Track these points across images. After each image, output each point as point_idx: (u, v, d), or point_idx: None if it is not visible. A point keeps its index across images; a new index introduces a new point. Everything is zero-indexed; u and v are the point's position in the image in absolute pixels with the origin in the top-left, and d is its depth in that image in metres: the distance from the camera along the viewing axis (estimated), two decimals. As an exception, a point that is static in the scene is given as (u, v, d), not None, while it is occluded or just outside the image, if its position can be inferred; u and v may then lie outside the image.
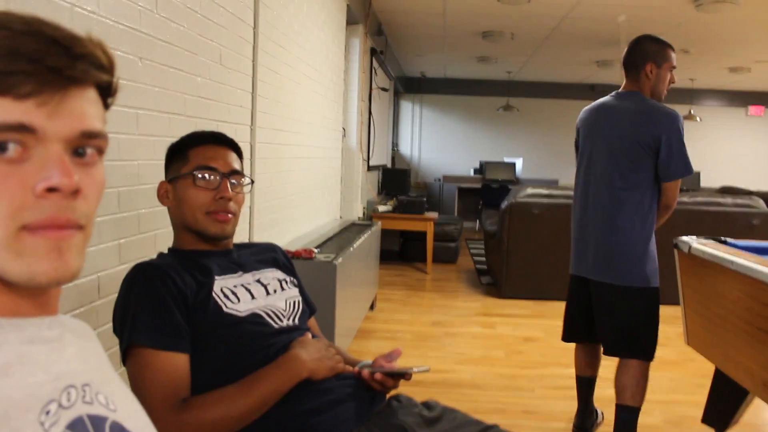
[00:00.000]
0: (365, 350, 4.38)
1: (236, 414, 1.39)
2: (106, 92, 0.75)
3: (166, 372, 1.39)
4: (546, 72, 11.20)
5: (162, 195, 1.64)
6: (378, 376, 1.59)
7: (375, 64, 7.58)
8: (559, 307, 5.83)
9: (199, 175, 1.58)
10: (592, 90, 11.77)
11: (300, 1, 4.12)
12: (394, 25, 7.95)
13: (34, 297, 0.73)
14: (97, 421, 0.71)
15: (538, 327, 5.17)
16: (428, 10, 7.08)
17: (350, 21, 6.11)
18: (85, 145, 0.71)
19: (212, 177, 1.58)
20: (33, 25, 0.66)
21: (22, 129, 0.64)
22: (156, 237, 2.20)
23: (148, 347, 1.39)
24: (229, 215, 1.61)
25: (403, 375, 1.62)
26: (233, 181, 1.62)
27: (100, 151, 0.74)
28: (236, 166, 1.64)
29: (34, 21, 0.66)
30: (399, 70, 11.19)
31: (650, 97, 2.85)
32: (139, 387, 1.38)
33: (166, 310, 1.43)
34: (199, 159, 1.60)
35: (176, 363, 1.41)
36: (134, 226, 2.07)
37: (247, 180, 1.67)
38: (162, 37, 2.22)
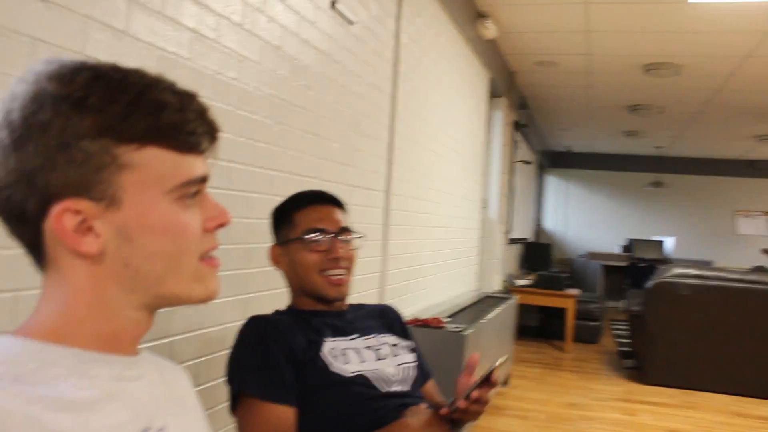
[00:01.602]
0: (495, 427, 4.22)
1: None
2: None
3: (273, 424, 1.40)
4: (699, 147, 10.68)
5: (275, 259, 1.68)
6: (473, 394, 1.47)
7: (518, 137, 7.56)
8: (710, 399, 5.42)
9: (309, 239, 1.60)
10: (752, 166, 11.07)
11: (440, 73, 4.21)
12: (538, 99, 7.93)
13: (137, 335, 0.77)
14: None
15: (686, 419, 4.77)
16: (573, 83, 7.01)
17: (493, 94, 6.16)
18: None
19: (322, 237, 1.60)
20: (187, 91, 0.74)
21: (205, 181, 0.76)
22: (283, 294, 2.25)
23: (257, 398, 1.41)
24: (343, 276, 1.62)
25: (489, 379, 1.48)
26: (342, 237, 1.63)
27: None
28: (343, 222, 1.65)
29: (185, 89, 0.75)
30: (544, 143, 11.10)
31: None
32: None
33: (275, 364, 1.45)
34: (306, 222, 1.62)
35: (283, 416, 1.42)
36: (261, 283, 2.14)
37: (356, 234, 1.68)
38: (299, 103, 2.34)
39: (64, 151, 0.66)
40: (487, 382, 1.46)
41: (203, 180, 0.75)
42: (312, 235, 1.60)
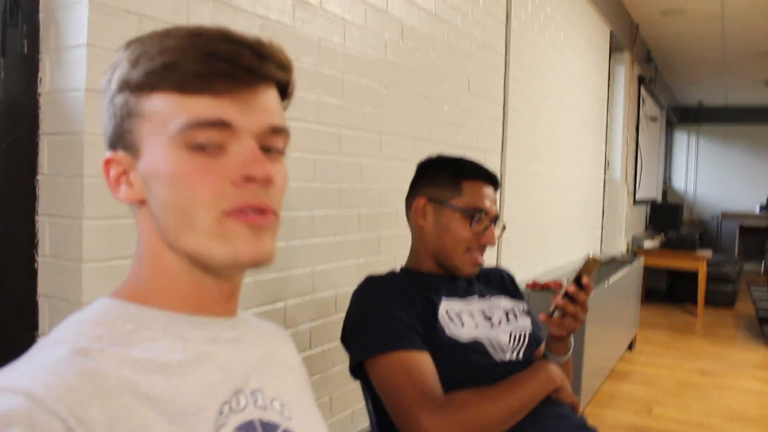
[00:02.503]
0: (618, 393, 4.10)
1: (498, 415, 1.34)
2: (284, 92, 0.78)
3: (419, 369, 1.37)
4: None
5: (419, 212, 1.61)
6: (570, 289, 1.45)
7: (643, 92, 7.19)
8: None
9: (476, 218, 1.56)
10: None
11: (556, 29, 4.05)
12: (664, 51, 7.48)
13: (219, 296, 0.76)
14: (269, 428, 0.72)
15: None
16: (704, 32, 6.56)
17: (615, 48, 5.87)
18: (272, 140, 0.74)
19: (483, 220, 1.58)
20: (223, 32, 0.71)
21: (221, 124, 0.69)
22: (396, 259, 2.26)
23: (394, 351, 1.38)
24: (481, 258, 1.60)
25: (580, 280, 1.45)
26: (495, 224, 1.61)
27: (283, 148, 0.77)
28: (497, 210, 1.63)
29: (224, 29, 0.72)
30: (672, 98, 10.50)
31: None
32: (393, 392, 1.37)
33: (403, 317, 1.43)
34: (476, 198, 1.58)
35: (426, 360, 1.39)
36: (374, 248, 2.16)
37: (501, 224, 1.65)
38: (408, 66, 2.31)
39: (108, 107, 0.72)
40: (579, 283, 1.44)
41: (220, 123, 0.69)
42: (479, 214, 1.57)
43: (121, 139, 0.72)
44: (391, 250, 2.25)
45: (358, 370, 1.49)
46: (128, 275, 0.76)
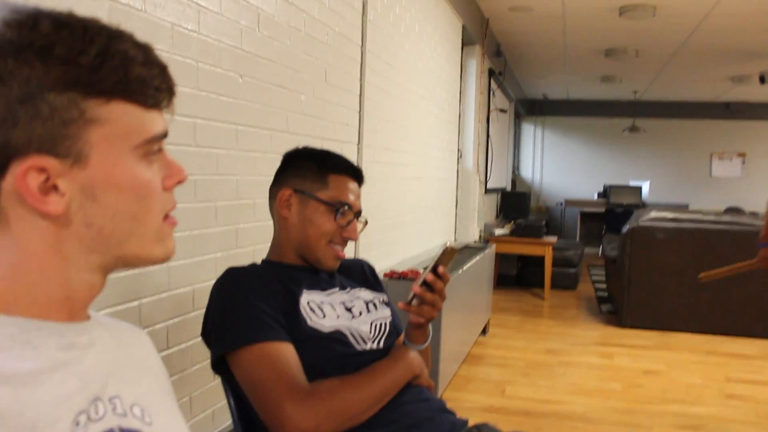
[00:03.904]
0: (474, 376, 4.26)
1: (362, 402, 1.36)
2: None
3: (283, 360, 1.36)
4: (675, 90, 10.68)
5: (283, 203, 1.59)
6: (428, 277, 1.50)
7: (493, 85, 7.49)
8: (684, 339, 5.51)
9: (341, 211, 1.57)
10: (727, 109, 11.11)
11: (411, 21, 4.12)
12: (513, 46, 7.83)
13: (89, 298, 0.73)
14: None
15: (660, 359, 4.85)
16: (548, 29, 6.93)
17: (467, 42, 6.07)
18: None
19: (347, 214, 1.59)
20: (147, 45, 0.72)
21: (165, 137, 0.74)
22: (254, 252, 2.22)
23: (258, 343, 1.36)
24: (342, 252, 1.61)
25: (436, 270, 1.51)
26: (359, 219, 1.63)
27: None
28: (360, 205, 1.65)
29: (130, 33, 0.71)
30: (519, 91, 11.02)
31: None
32: (258, 385, 1.35)
33: (265, 308, 1.42)
34: (342, 192, 1.59)
35: (289, 351, 1.38)
36: (232, 241, 2.10)
37: (363, 219, 1.66)
38: (264, 55, 2.26)
39: (27, 104, 0.62)
40: (436, 272, 1.49)
41: (164, 136, 0.74)
42: (344, 207, 1.57)
43: (56, 144, 0.64)
44: (249, 243, 2.20)
45: (219, 364, 1.46)
46: None
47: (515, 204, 8.68)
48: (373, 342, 1.57)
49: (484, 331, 5.33)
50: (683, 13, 6.06)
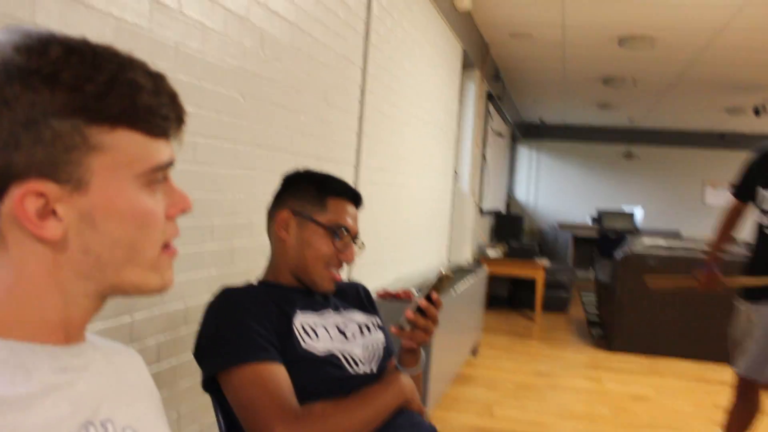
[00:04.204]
0: (462, 396, 4.28)
1: (353, 426, 1.37)
2: None
3: (275, 382, 1.37)
4: (671, 119, 10.77)
5: (280, 225, 1.61)
6: (421, 303, 1.52)
7: (491, 109, 7.56)
8: (674, 365, 5.54)
9: (338, 235, 1.59)
10: (722, 139, 11.20)
11: (412, 44, 4.18)
12: (512, 71, 7.91)
13: (84, 323, 0.74)
14: None
15: (649, 385, 4.88)
16: (547, 55, 7.00)
17: (466, 65, 6.13)
18: None
19: (345, 237, 1.61)
20: (147, 66, 0.72)
21: (171, 166, 0.74)
22: (248, 271, 2.24)
23: (251, 363, 1.38)
24: (338, 275, 1.64)
25: (431, 296, 1.52)
26: (356, 243, 1.65)
27: None
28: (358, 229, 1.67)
29: (142, 62, 0.72)
30: (517, 115, 11.10)
31: None
32: (248, 406, 1.36)
33: (258, 329, 1.43)
34: (341, 216, 1.61)
35: (281, 373, 1.40)
36: (227, 259, 2.13)
37: (360, 243, 1.68)
38: (266, 75, 2.30)
39: (30, 128, 0.63)
40: (429, 299, 1.51)
41: (170, 165, 0.74)
42: (342, 231, 1.60)
43: (57, 169, 0.65)
44: (244, 261, 2.23)
45: (210, 384, 1.47)
46: None
47: (509, 226, 8.73)
48: (366, 365, 1.58)
49: (474, 352, 5.34)
50: (682, 45, 6.14)
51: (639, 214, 11.52)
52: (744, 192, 3.17)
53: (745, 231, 3.37)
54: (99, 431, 0.69)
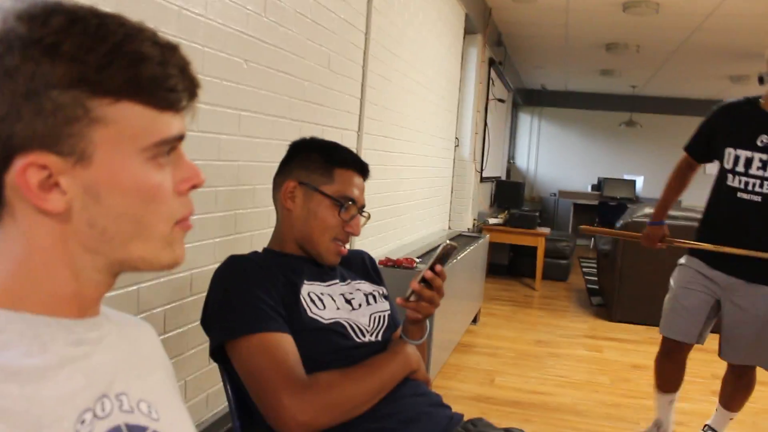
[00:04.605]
0: (464, 365, 4.29)
1: (360, 395, 1.37)
2: None
3: (282, 351, 1.36)
4: (673, 87, 10.68)
5: (286, 195, 1.59)
6: (426, 274, 1.51)
7: (493, 74, 7.48)
8: (673, 335, 5.54)
9: (345, 206, 1.57)
10: (725, 107, 11.11)
11: (415, 9, 4.11)
12: (514, 36, 7.81)
13: (99, 296, 0.73)
14: (136, 431, 0.70)
15: (649, 354, 4.86)
16: (550, 21, 6.91)
17: (469, 31, 6.05)
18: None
19: (351, 209, 1.59)
20: (155, 35, 0.69)
21: (181, 139, 0.73)
22: (252, 238, 2.23)
23: (258, 333, 1.37)
24: (344, 247, 1.62)
25: (433, 268, 1.51)
26: (362, 215, 1.64)
27: None
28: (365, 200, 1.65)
29: (151, 30, 0.70)
30: (518, 81, 11.01)
31: None
32: (256, 375, 1.35)
33: (265, 298, 1.42)
34: (347, 187, 1.59)
35: (289, 342, 1.39)
36: (231, 226, 2.11)
37: (366, 214, 1.66)
38: (269, 41, 2.26)
39: (31, 99, 0.62)
40: (434, 270, 1.51)
41: (180, 138, 0.72)
42: (348, 203, 1.58)
43: (59, 141, 0.64)
44: (248, 229, 2.21)
45: (218, 353, 1.46)
46: None
47: (509, 194, 8.68)
48: (372, 335, 1.58)
49: (474, 320, 5.36)
50: (686, 11, 6.05)
51: (640, 182, 11.49)
52: (701, 151, 3.04)
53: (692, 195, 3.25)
54: (114, 404, 0.69)
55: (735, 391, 3.07)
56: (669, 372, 3.07)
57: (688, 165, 3.13)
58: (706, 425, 3.24)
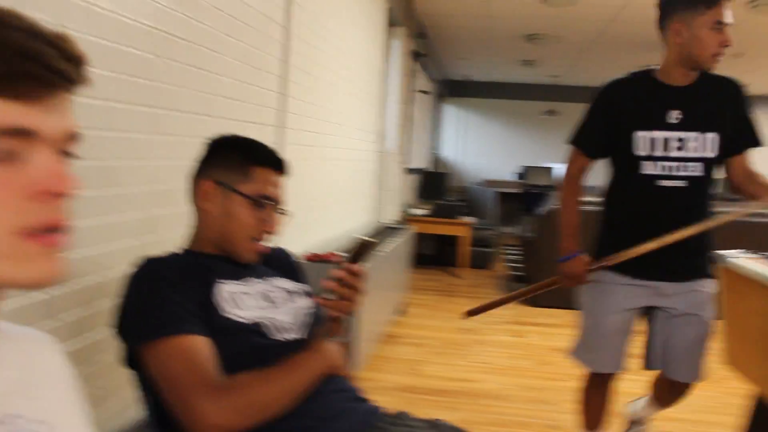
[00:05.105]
0: (390, 356, 4.34)
1: (277, 396, 1.36)
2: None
3: (198, 354, 1.34)
4: (592, 76, 10.95)
5: (203, 195, 1.58)
6: (338, 273, 1.51)
7: (416, 66, 7.53)
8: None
9: (262, 206, 1.56)
10: (640, 96, 11.51)
11: (337, 2, 4.10)
12: (437, 28, 7.88)
13: None
14: None
15: (569, 337, 5.04)
16: (472, 12, 7.00)
17: (392, 23, 6.07)
18: (70, 146, 0.70)
19: (269, 208, 1.58)
20: (18, 19, 0.63)
21: (22, 133, 0.63)
22: (172, 240, 2.18)
23: (172, 336, 1.35)
24: (263, 245, 1.61)
25: (351, 264, 1.52)
26: (280, 211, 1.62)
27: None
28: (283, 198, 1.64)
29: (14, 13, 0.64)
30: (442, 73, 11.12)
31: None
32: (170, 379, 1.33)
33: (181, 300, 1.41)
34: (264, 186, 1.57)
35: (203, 346, 1.37)
36: (148, 228, 2.07)
37: (285, 210, 1.65)
38: (183, 36, 2.21)
39: None
40: (350, 269, 1.50)
41: (22, 132, 0.62)
42: (266, 201, 1.56)
43: None
44: (166, 230, 2.16)
45: (132, 358, 1.44)
46: None
47: (435, 184, 8.79)
48: (294, 332, 1.58)
49: (402, 311, 5.41)
50: (602, 2, 6.24)
51: (560, 169, 11.78)
52: (598, 145, 2.61)
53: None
54: (7, 428, 0.66)
55: (671, 395, 2.79)
56: (599, 406, 2.79)
57: (579, 169, 2.69)
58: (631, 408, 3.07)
